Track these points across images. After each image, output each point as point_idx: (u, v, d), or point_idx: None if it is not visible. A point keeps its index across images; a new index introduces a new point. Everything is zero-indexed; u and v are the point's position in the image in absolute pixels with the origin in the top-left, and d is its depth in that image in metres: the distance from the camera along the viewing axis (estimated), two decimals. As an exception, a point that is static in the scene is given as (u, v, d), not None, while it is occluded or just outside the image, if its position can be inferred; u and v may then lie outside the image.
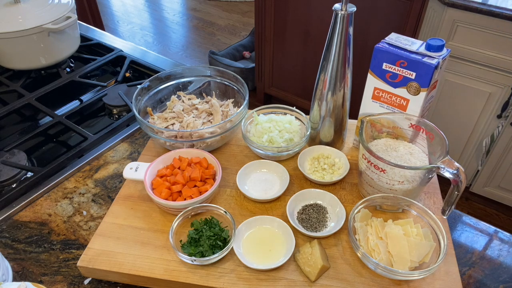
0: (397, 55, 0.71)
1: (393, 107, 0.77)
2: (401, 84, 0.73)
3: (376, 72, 0.75)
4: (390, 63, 0.73)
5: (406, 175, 0.68)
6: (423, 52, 0.70)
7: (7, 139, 0.99)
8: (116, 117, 1.05)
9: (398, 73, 0.73)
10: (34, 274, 0.69)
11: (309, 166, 0.82)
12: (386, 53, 0.72)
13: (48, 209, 0.80)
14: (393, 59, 0.72)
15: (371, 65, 0.75)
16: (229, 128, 0.83)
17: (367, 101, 0.80)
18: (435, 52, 0.70)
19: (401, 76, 0.73)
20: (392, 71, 0.73)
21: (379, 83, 0.76)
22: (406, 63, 0.71)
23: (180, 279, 0.64)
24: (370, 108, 0.80)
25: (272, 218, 0.71)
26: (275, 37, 2.30)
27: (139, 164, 0.77)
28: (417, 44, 0.72)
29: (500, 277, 0.69)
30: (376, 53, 0.73)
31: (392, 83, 0.74)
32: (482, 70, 1.60)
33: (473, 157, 1.85)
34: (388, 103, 0.77)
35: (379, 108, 0.79)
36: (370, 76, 0.77)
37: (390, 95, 0.76)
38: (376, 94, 0.78)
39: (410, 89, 0.73)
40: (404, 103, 0.75)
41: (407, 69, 0.71)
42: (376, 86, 0.77)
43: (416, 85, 0.71)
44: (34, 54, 1.11)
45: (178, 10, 3.95)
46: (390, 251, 0.64)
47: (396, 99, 0.76)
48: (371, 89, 0.78)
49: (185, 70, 0.96)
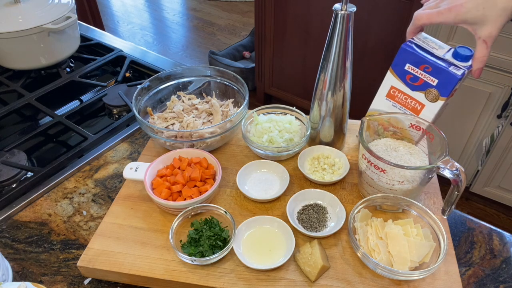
0: (423, 59, 0.69)
1: (406, 108, 0.76)
2: (420, 88, 0.72)
3: (396, 71, 0.73)
4: (414, 65, 0.71)
5: (406, 175, 0.68)
6: (449, 60, 0.68)
7: (7, 139, 0.99)
8: (116, 117, 1.05)
9: (419, 77, 0.71)
10: (34, 274, 0.69)
11: (309, 166, 0.82)
12: (412, 55, 0.70)
13: (48, 209, 0.80)
14: (418, 62, 0.70)
15: (393, 63, 0.73)
16: (229, 128, 0.83)
17: (381, 98, 0.78)
18: (462, 62, 0.68)
19: (422, 80, 0.71)
20: (413, 73, 0.71)
21: (397, 83, 0.74)
22: (431, 69, 0.68)
23: (180, 279, 0.64)
24: (382, 105, 0.79)
25: (272, 218, 0.71)
26: (275, 37, 2.30)
27: (139, 164, 0.77)
28: (444, 49, 0.70)
29: (500, 277, 0.69)
30: (402, 53, 0.71)
31: (411, 85, 0.73)
32: (482, 70, 1.59)
33: (473, 157, 1.85)
34: (402, 104, 0.76)
35: (392, 107, 0.78)
36: (390, 74, 0.75)
37: (406, 97, 0.74)
38: (392, 93, 0.76)
39: (428, 95, 0.71)
40: (419, 108, 0.73)
41: (430, 75, 0.69)
42: (394, 85, 0.75)
43: (436, 92, 0.70)
44: (34, 54, 1.11)
45: (178, 10, 3.95)
46: (390, 251, 0.64)
47: (411, 101, 0.74)
48: (388, 87, 0.76)
49: (185, 70, 0.96)
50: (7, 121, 1.04)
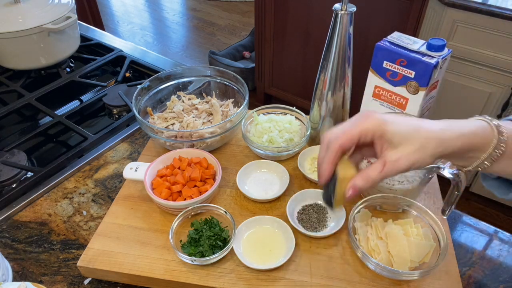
0: (397, 54, 0.71)
1: (393, 105, 0.77)
2: (401, 83, 0.73)
3: (377, 70, 0.75)
4: (390, 61, 0.73)
5: (406, 175, 0.68)
6: (423, 52, 0.70)
7: (7, 139, 0.99)
8: (116, 117, 1.05)
9: (398, 72, 0.73)
10: (34, 274, 0.69)
11: (309, 166, 0.82)
12: (387, 51, 0.72)
13: (48, 209, 0.80)
14: (393, 58, 0.72)
15: (372, 63, 0.75)
16: (229, 128, 0.83)
17: (368, 99, 0.80)
18: (435, 52, 0.70)
19: (400, 75, 0.73)
20: (392, 70, 0.73)
21: (379, 81, 0.76)
22: (406, 62, 0.71)
23: (180, 279, 0.64)
24: (371, 106, 0.80)
25: (272, 218, 0.71)
26: (275, 37, 2.30)
27: (139, 164, 0.77)
28: (419, 43, 0.72)
29: (500, 277, 0.69)
30: (377, 51, 0.73)
31: (392, 82, 0.74)
32: (482, 70, 1.60)
33: (473, 157, 1.85)
34: (388, 101, 0.77)
35: (379, 106, 0.79)
36: (371, 74, 0.77)
37: (390, 94, 0.76)
38: (377, 92, 0.78)
39: (410, 88, 0.73)
40: (404, 102, 0.75)
41: (407, 68, 0.71)
42: (377, 84, 0.77)
43: (415, 84, 0.72)
44: (34, 54, 1.11)
45: (178, 10, 3.95)
46: (390, 251, 0.64)
47: (396, 97, 0.76)
48: (372, 87, 0.78)
49: (185, 70, 0.96)
50: (7, 121, 1.04)
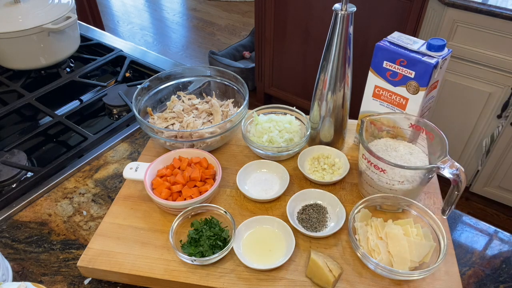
0: (397, 54, 0.71)
1: (393, 105, 0.77)
2: (401, 83, 0.73)
3: (376, 70, 0.75)
4: (390, 61, 0.73)
5: (406, 175, 0.68)
6: (423, 52, 0.70)
7: (7, 139, 0.99)
8: (116, 117, 1.05)
9: (398, 72, 0.73)
10: (34, 274, 0.69)
11: (309, 166, 0.82)
12: (387, 51, 0.72)
13: (48, 209, 0.80)
14: (393, 58, 0.72)
15: (372, 63, 0.75)
16: (229, 128, 0.83)
17: (368, 99, 0.80)
18: (435, 52, 0.70)
19: (400, 75, 0.73)
20: (392, 70, 0.73)
21: (379, 81, 0.76)
22: (406, 62, 0.71)
23: (180, 279, 0.64)
24: (371, 106, 0.80)
25: (272, 218, 0.71)
26: (275, 37, 2.30)
27: (139, 164, 0.77)
28: (418, 43, 0.72)
29: (500, 277, 0.69)
30: (377, 51, 0.73)
31: (392, 82, 0.74)
32: (482, 70, 1.60)
33: (473, 157, 1.85)
34: (388, 101, 0.77)
35: (379, 106, 0.79)
36: (371, 74, 0.77)
37: (390, 94, 0.76)
38: (377, 92, 0.78)
39: (409, 88, 0.73)
40: (404, 102, 0.75)
41: (407, 68, 0.71)
42: (377, 84, 0.77)
43: (415, 84, 0.72)
44: (34, 54, 1.11)
45: (178, 10, 3.95)
46: (390, 251, 0.64)
47: (396, 97, 0.76)
48: (372, 87, 0.78)
49: (185, 70, 0.96)
50: (7, 121, 1.04)
